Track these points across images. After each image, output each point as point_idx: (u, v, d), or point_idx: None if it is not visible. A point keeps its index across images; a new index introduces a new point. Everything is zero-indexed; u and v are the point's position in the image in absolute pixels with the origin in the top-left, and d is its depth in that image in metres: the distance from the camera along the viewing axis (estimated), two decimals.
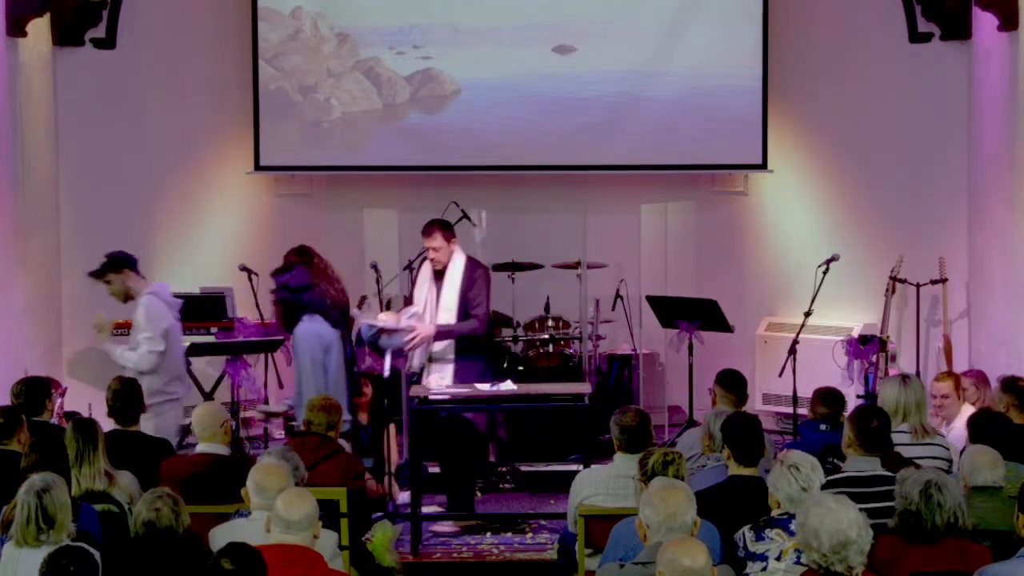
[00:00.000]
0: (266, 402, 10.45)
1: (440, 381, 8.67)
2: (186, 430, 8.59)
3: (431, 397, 8.58)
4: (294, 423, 9.61)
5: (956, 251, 10.52)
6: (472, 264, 8.92)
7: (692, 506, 5.14)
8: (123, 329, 10.13)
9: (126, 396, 7.27)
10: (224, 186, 11.39)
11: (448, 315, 8.79)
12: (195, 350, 9.79)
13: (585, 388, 8.97)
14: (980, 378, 8.43)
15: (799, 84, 11.32)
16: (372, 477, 8.97)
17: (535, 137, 11.35)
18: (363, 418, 9.44)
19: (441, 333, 8.76)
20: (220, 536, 5.64)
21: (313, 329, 8.29)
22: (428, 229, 8.90)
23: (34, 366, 9.41)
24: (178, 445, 9.57)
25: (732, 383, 7.62)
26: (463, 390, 8.77)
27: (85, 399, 9.37)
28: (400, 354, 8.89)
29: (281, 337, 9.84)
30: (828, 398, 7.69)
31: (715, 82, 11.19)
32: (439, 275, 8.89)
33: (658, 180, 11.66)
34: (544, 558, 8.07)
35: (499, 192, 11.47)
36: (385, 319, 8.87)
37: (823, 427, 7.47)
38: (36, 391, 7.48)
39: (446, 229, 8.89)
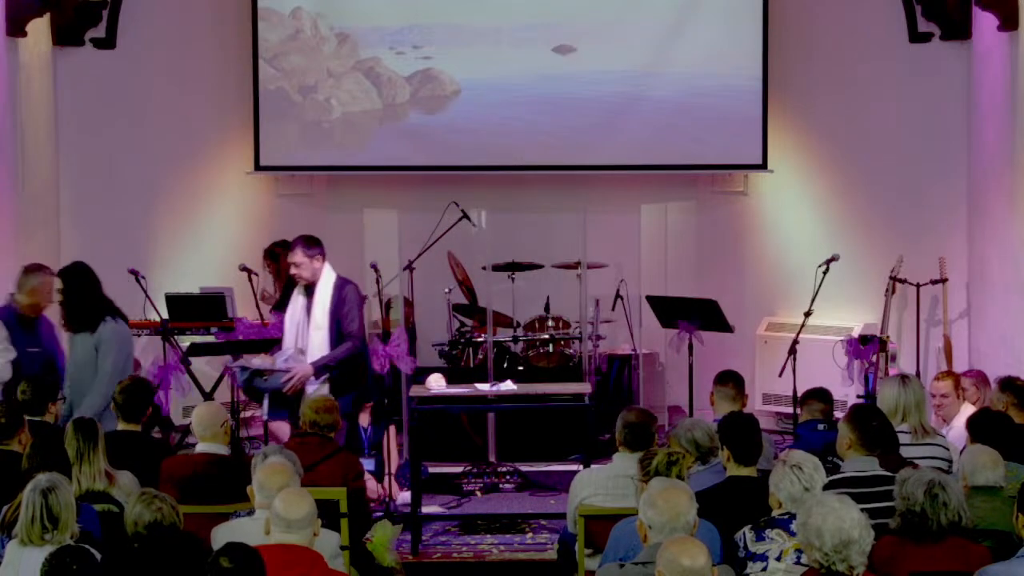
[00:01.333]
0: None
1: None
2: (186, 430, 8.58)
3: (431, 397, 8.58)
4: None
5: (956, 251, 10.52)
6: (341, 281, 8.72)
7: (694, 507, 5.15)
8: (137, 329, 10.09)
9: (135, 394, 7.27)
10: (224, 186, 11.39)
11: (320, 334, 8.61)
12: (195, 350, 9.77)
13: (585, 388, 8.97)
14: (980, 378, 8.43)
15: (799, 84, 11.33)
16: (372, 477, 8.99)
17: (535, 137, 11.35)
18: (364, 420, 9.44)
19: (319, 368, 8.59)
20: (222, 535, 5.64)
21: (124, 330, 8.15)
22: (291, 244, 8.74)
23: None
24: (178, 444, 9.61)
25: (732, 383, 7.63)
26: (463, 390, 8.78)
27: None
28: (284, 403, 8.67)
29: (280, 336, 9.81)
30: (819, 394, 7.74)
31: (715, 82, 11.20)
32: (310, 293, 8.68)
33: (658, 180, 11.66)
34: (544, 558, 8.05)
35: (499, 192, 11.47)
36: (259, 362, 8.76)
37: (820, 427, 7.47)
38: (42, 391, 7.47)
39: (309, 246, 8.64)
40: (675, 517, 5.07)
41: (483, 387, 8.79)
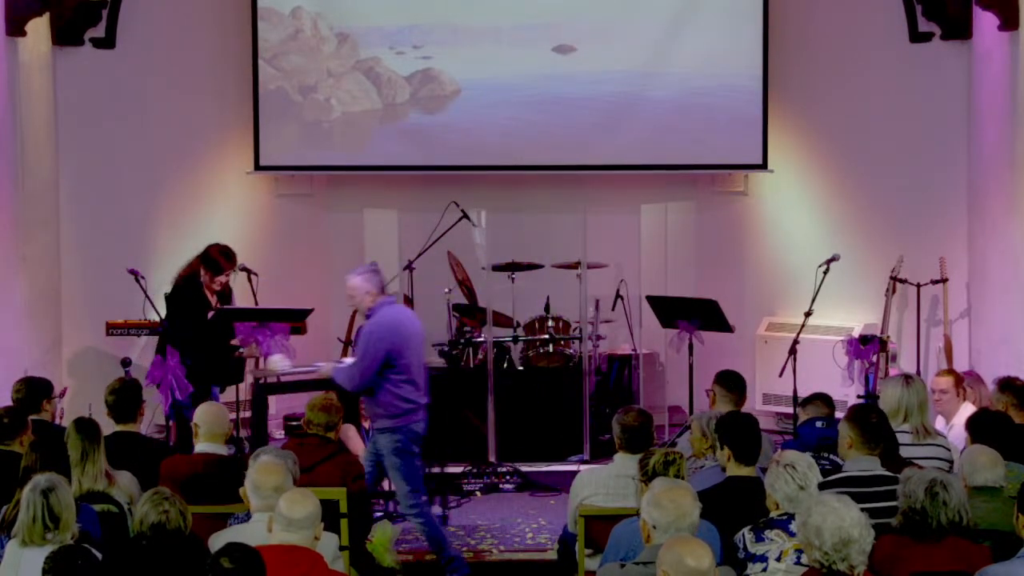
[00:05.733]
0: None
1: None
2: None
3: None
4: (294, 422, 9.57)
5: (956, 251, 10.52)
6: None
7: (697, 507, 5.16)
8: (137, 329, 10.06)
9: (126, 395, 7.27)
10: (224, 186, 11.38)
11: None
12: (222, 315, 9.50)
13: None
14: (975, 378, 8.43)
15: (799, 84, 11.33)
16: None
17: (535, 137, 11.35)
18: (366, 423, 9.42)
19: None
20: (221, 543, 5.63)
21: None
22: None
23: (34, 366, 9.40)
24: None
25: (733, 383, 7.63)
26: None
27: (85, 399, 9.36)
28: None
29: (310, 308, 9.60)
30: (823, 397, 7.72)
31: (715, 82, 11.20)
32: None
33: (658, 180, 11.66)
34: (544, 558, 8.06)
35: (499, 192, 11.47)
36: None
37: (819, 423, 7.46)
38: (36, 391, 7.48)
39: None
40: (680, 517, 5.07)
41: (323, 365, 8.33)
